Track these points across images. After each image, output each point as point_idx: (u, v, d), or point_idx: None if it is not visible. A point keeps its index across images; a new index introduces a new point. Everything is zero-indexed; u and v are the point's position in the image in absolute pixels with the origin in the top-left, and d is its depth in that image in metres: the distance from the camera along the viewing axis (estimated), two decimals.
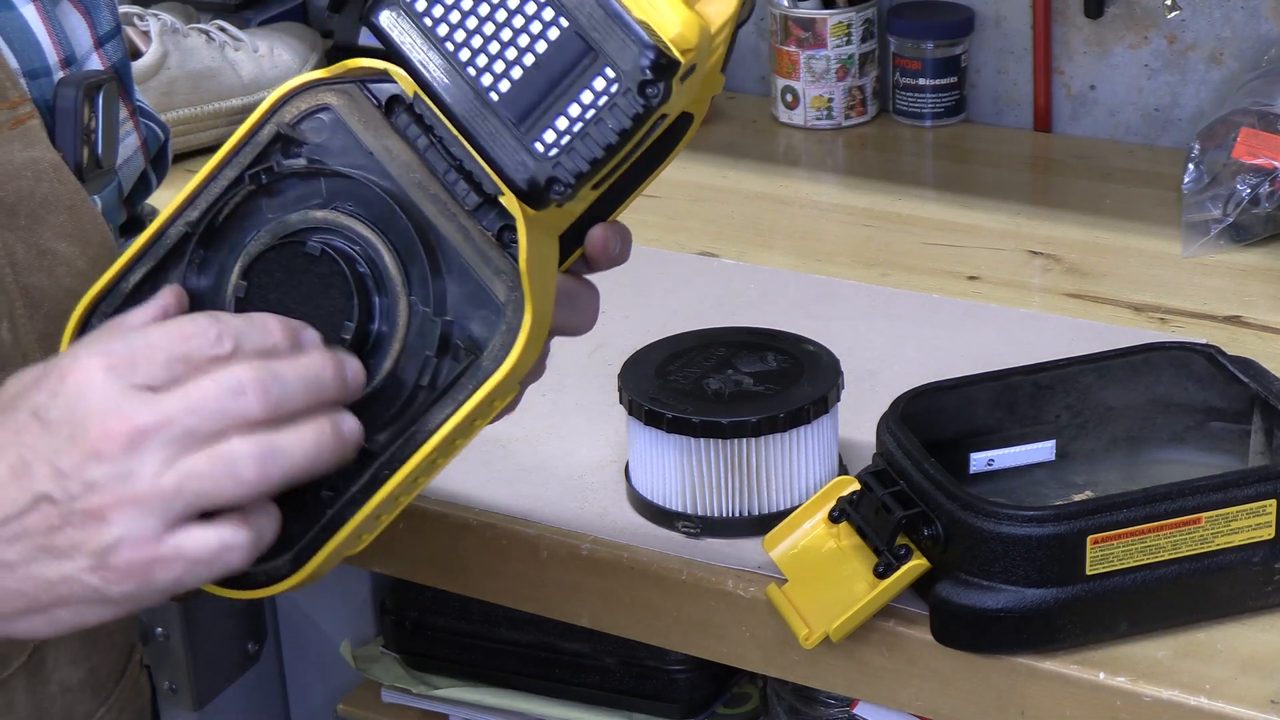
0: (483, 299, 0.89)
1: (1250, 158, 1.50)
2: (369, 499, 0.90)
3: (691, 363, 1.18)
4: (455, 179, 0.89)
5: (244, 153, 0.91)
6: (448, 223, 0.89)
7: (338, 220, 0.89)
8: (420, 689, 1.55)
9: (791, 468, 1.12)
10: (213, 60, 1.80)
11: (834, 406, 1.14)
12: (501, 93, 0.86)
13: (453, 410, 0.89)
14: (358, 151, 0.90)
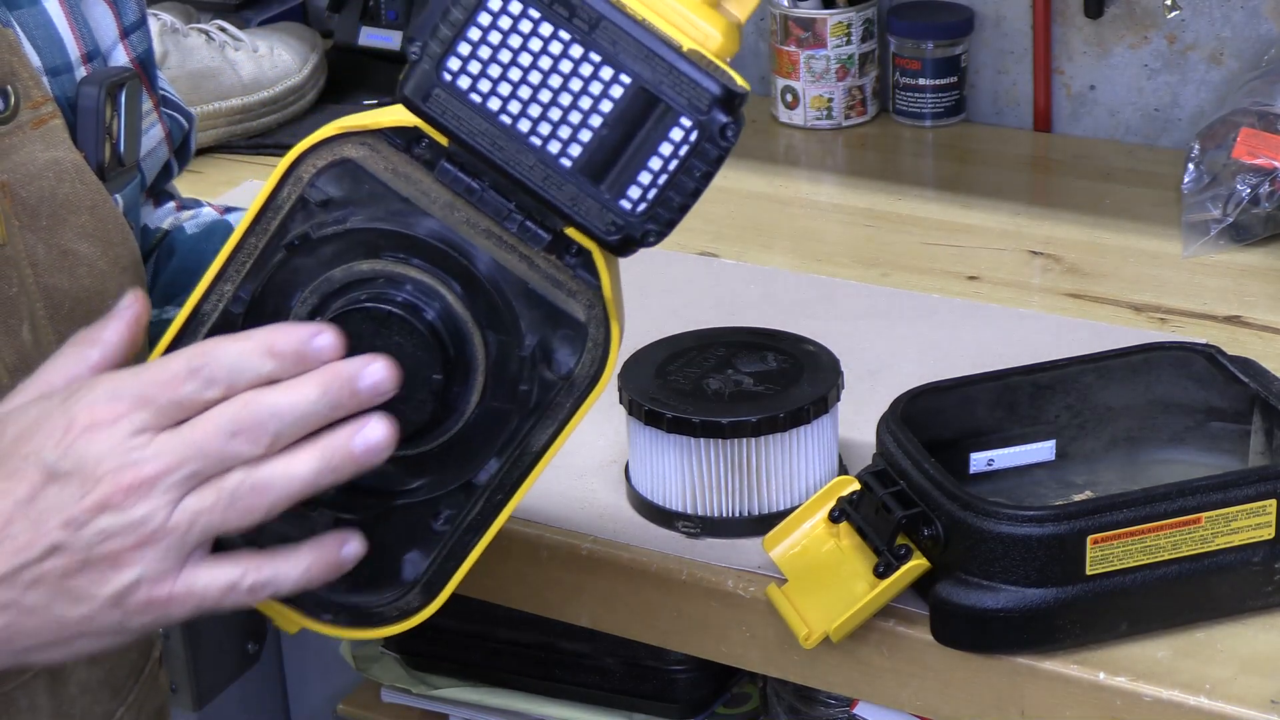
0: (562, 320, 0.89)
1: (1250, 158, 1.50)
2: (489, 525, 0.92)
3: (691, 363, 1.18)
4: (513, 216, 0.87)
5: (268, 218, 0.89)
6: (508, 254, 0.87)
7: (388, 269, 0.88)
8: (420, 689, 1.55)
9: (791, 468, 1.12)
10: (213, 60, 1.80)
11: (834, 406, 1.14)
12: (574, 158, 0.85)
13: (556, 430, 0.90)
14: (392, 199, 0.88)
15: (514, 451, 0.91)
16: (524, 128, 0.84)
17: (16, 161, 0.97)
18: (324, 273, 0.88)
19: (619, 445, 1.23)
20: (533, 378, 0.90)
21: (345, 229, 0.88)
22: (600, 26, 0.83)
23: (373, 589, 0.93)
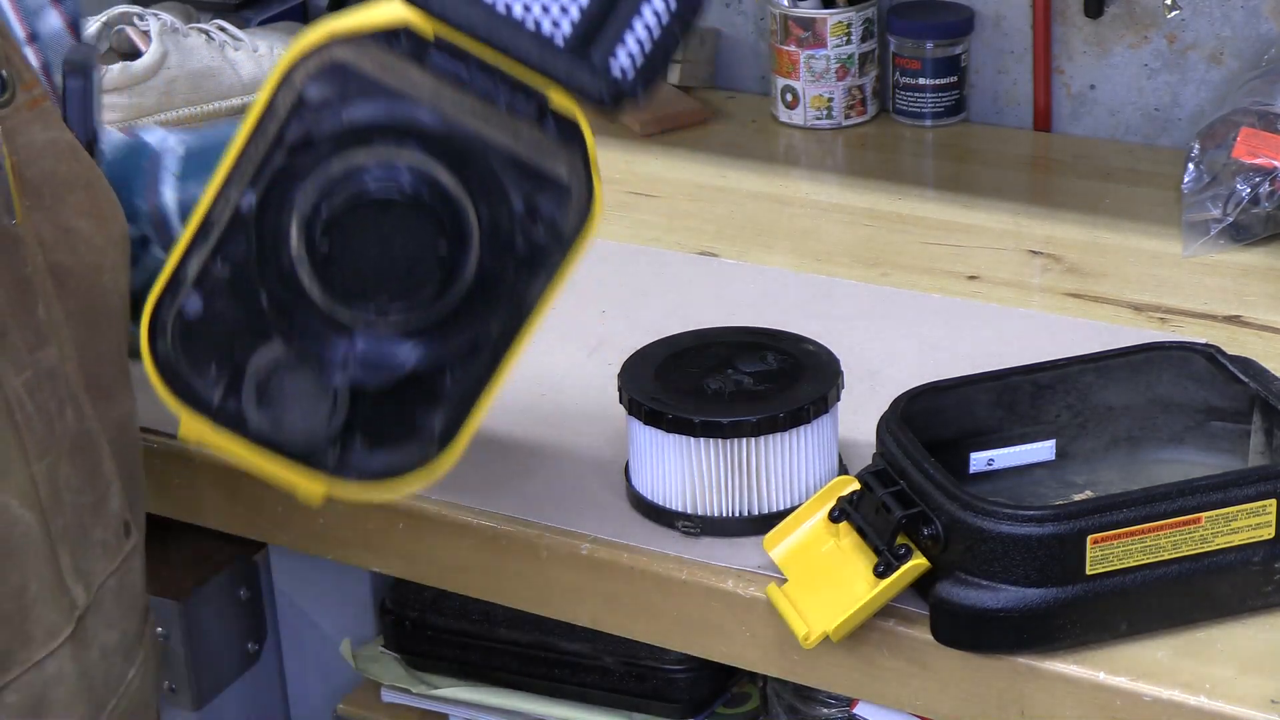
0: (547, 182, 0.98)
1: (1250, 157, 1.50)
2: (495, 376, 1.01)
3: (691, 363, 1.18)
4: (500, 92, 0.96)
5: (267, 125, 0.96)
6: (492, 128, 0.96)
7: (383, 154, 0.96)
8: (420, 689, 1.55)
9: (791, 467, 1.12)
10: (213, 60, 1.80)
11: (834, 406, 1.14)
12: (565, 35, 0.93)
13: (548, 280, 1.00)
14: (381, 92, 0.95)
15: (512, 307, 1.01)
16: (518, 13, 0.93)
17: (20, 143, 0.98)
18: (322, 166, 0.96)
19: (619, 445, 1.23)
20: (524, 237, 0.99)
21: (342, 126, 0.96)
22: None
23: (392, 447, 1.00)
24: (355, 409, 1.00)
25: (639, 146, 1.77)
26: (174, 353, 1.00)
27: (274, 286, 0.99)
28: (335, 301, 0.98)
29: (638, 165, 1.72)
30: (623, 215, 1.61)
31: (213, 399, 1.00)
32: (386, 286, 0.99)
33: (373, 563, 1.27)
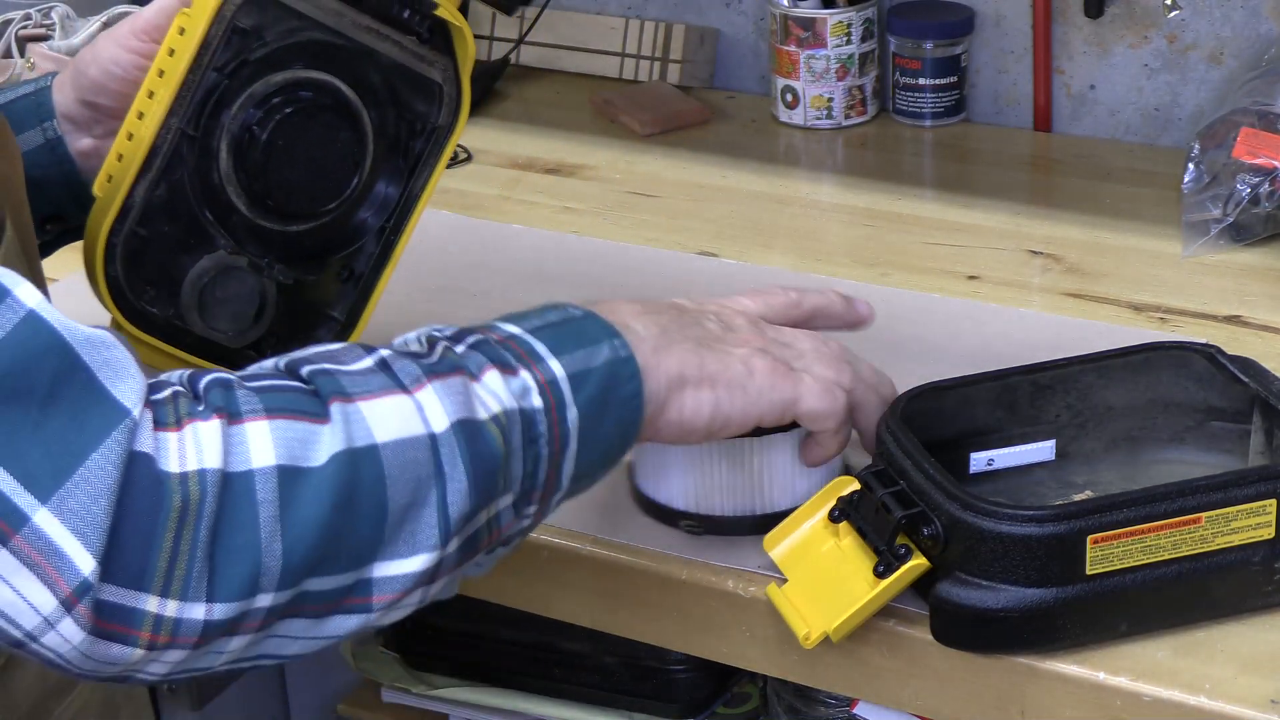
0: (423, 85, 1.18)
1: (1250, 157, 1.50)
2: (388, 261, 1.22)
3: None
4: (394, 6, 1.14)
5: (203, 56, 1.11)
6: (381, 42, 1.15)
7: (296, 76, 1.14)
8: (420, 689, 1.56)
9: (793, 466, 1.12)
10: None
11: None
12: None
13: (429, 172, 1.21)
14: (292, 18, 1.13)
15: (401, 198, 1.21)
16: None
17: None
18: (246, 89, 1.14)
19: None
20: (408, 134, 1.20)
21: (265, 50, 1.13)
22: None
23: (308, 334, 1.20)
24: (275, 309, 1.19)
25: (639, 146, 1.77)
26: (122, 274, 1.14)
27: (208, 203, 1.15)
28: (259, 213, 1.16)
29: (638, 165, 1.72)
30: (623, 215, 1.62)
31: (156, 312, 1.16)
32: (312, 193, 1.18)
33: None
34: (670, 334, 1.01)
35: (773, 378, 1.03)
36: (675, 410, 1.00)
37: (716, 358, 1.02)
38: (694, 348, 1.01)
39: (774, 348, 1.06)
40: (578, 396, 0.94)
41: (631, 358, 0.97)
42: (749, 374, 1.02)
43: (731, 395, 1.02)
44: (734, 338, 1.04)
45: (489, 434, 0.89)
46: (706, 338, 1.03)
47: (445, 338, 0.93)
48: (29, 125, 1.21)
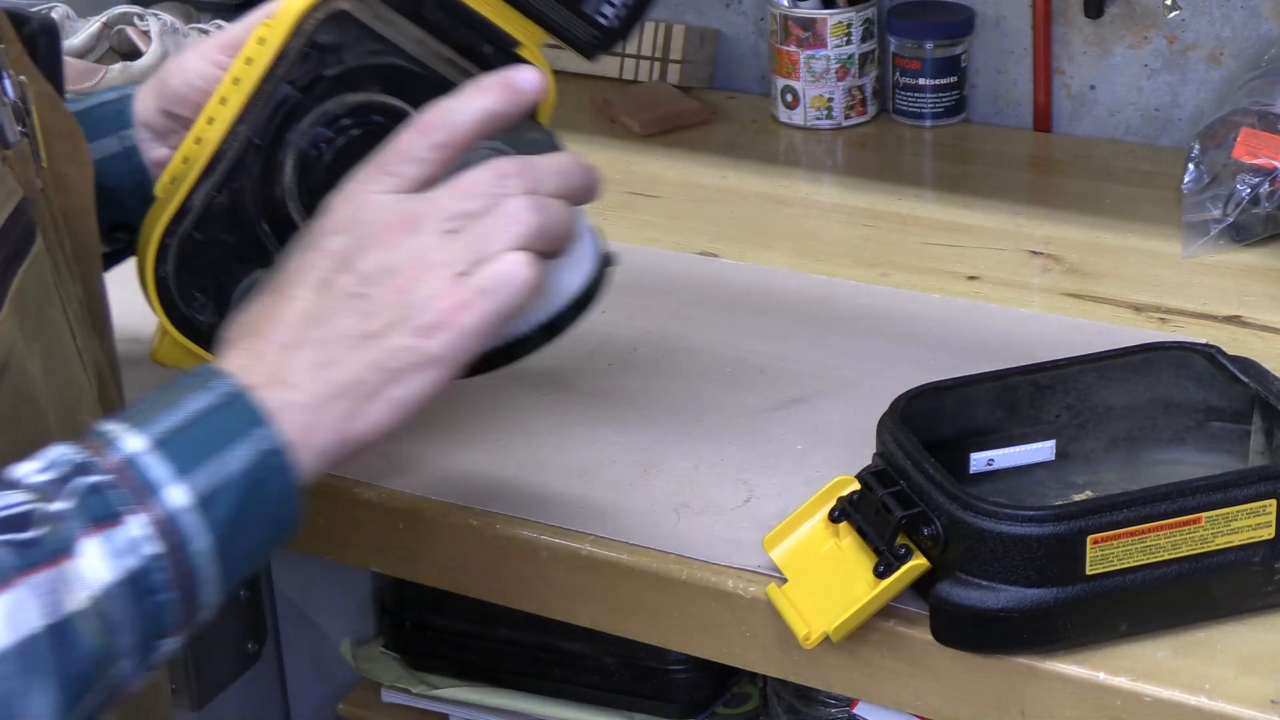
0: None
1: (1250, 158, 1.50)
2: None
3: None
4: (477, 41, 1.09)
5: (278, 67, 1.09)
6: (461, 76, 1.08)
7: (370, 99, 1.10)
8: (420, 689, 1.56)
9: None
10: None
11: None
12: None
13: None
14: (373, 40, 1.09)
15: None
16: None
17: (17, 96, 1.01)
18: (319, 106, 1.10)
19: (619, 445, 1.23)
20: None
21: (342, 69, 1.09)
22: None
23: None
24: None
25: (639, 146, 1.77)
26: (173, 276, 1.12)
27: (267, 216, 1.12)
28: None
29: (638, 165, 1.72)
30: (623, 215, 1.62)
31: (201, 319, 1.13)
32: None
33: (373, 563, 1.27)
34: (328, 361, 0.90)
35: (456, 321, 0.91)
36: (358, 436, 0.91)
37: (387, 354, 0.91)
38: (357, 371, 0.91)
39: (440, 263, 0.92)
40: (208, 520, 0.85)
41: (278, 450, 0.88)
42: (425, 336, 0.91)
43: (420, 378, 0.92)
44: (390, 298, 0.91)
45: (78, 632, 0.81)
46: (367, 324, 0.91)
47: (59, 482, 0.84)
48: (107, 132, 1.21)
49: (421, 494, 1.20)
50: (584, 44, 1.09)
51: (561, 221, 0.95)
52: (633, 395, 1.31)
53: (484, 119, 0.96)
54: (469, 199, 0.93)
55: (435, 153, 0.95)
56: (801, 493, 1.14)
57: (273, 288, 0.94)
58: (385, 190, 0.94)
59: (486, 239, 0.92)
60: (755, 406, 1.28)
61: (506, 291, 0.91)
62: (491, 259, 0.92)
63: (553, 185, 0.95)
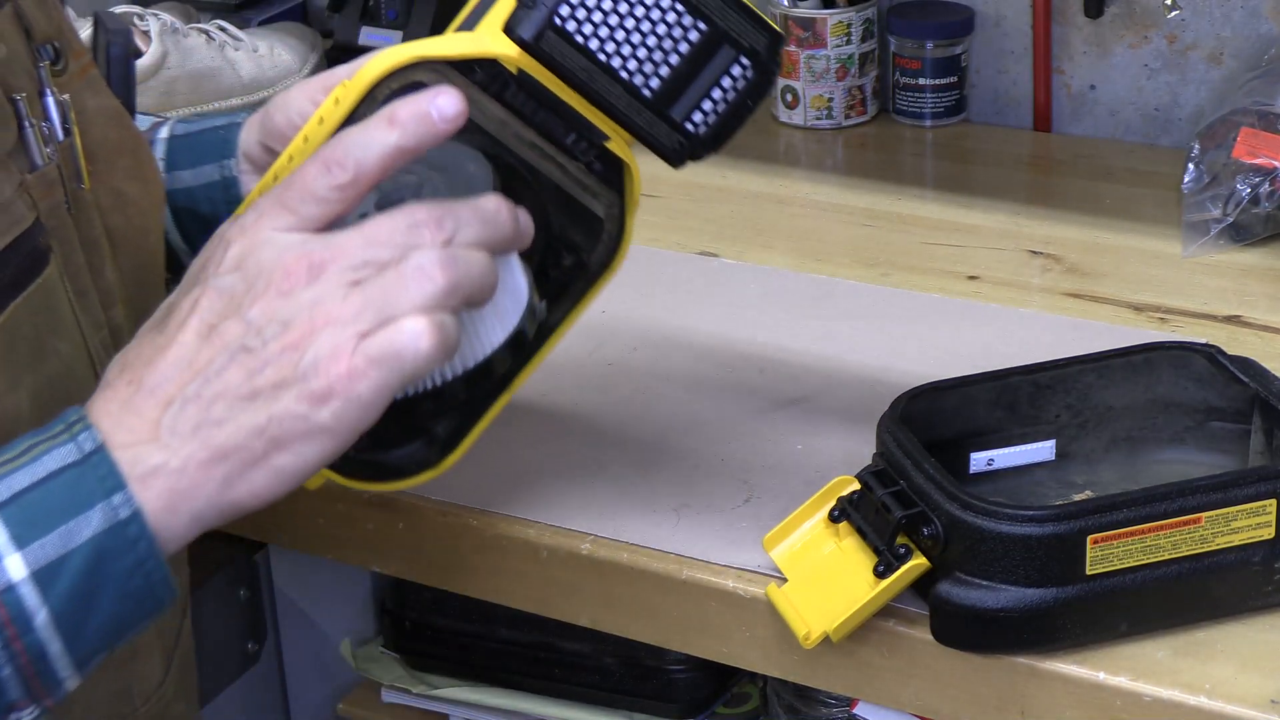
0: (582, 215, 1.05)
1: (1250, 157, 1.50)
2: (504, 391, 1.06)
3: None
4: (562, 131, 1.02)
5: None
6: (545, 162, 1.02)
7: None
8: (420, 689, 1.55)
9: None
10: (213, 60, 1.80)
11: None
12: (653, 89, 1.00)
13: (569, 307, 1.07)
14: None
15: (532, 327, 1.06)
16: (616, 63, 1.00)
17: (76, 111, 1.01)
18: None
19: (618, 444, 1.23)
20: (554, 262, 1.05)
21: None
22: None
23: (398, 448, 1.05)
24: None
25: (639, 146, 1.76)
26: None
27: None
28: None
29: (638, 165, 1.72)
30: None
31: None
32: None
33: (373, 563, 1.27)
34: (207, 421, 0.83)
35: (348, 390, 0.83)
36: (237, 503, 0.84)
37: (273, 419, 0.83)
38: (240, 435, 0.83)
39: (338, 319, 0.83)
40: (49, 595, 0.80)
41: (135, 519, 0.82)
42: (316, 403, 0.83)
43: (308, 448, 0.84)
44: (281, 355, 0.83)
45: None
46: (254, 383, 0.83)
47: None
48: (210, 159, 1.20)
49: (421, 494, 1.20)
50: (669, 152, 1.03)
51: (478, 276, 0.85)
52: (633, 395, 1.31)
53: (393, 155, 0.87)
54: (376, 248, 0.84)
55: (340, 192, 0.86)
56: (801, 493, 1.13)
57: (158, 320, 0.86)
58: (284, 229, 0.85)
59: (390, 296, 0.83)
60: (755, 406, 1.28)
61: (403, 362, 0.82)
62: (392, 321, 0.83)
63: (473, 235, 0.87)
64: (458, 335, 0.85)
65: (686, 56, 1.00)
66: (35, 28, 0.99)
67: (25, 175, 0.95)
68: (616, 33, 1.00)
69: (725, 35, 1.00)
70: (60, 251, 0.97)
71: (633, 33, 1.00)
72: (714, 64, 1.01)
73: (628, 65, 1.00)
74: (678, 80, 1.00)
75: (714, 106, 1.01)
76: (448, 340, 0.84)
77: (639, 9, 0.99)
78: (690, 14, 0.99)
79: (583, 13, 0.99)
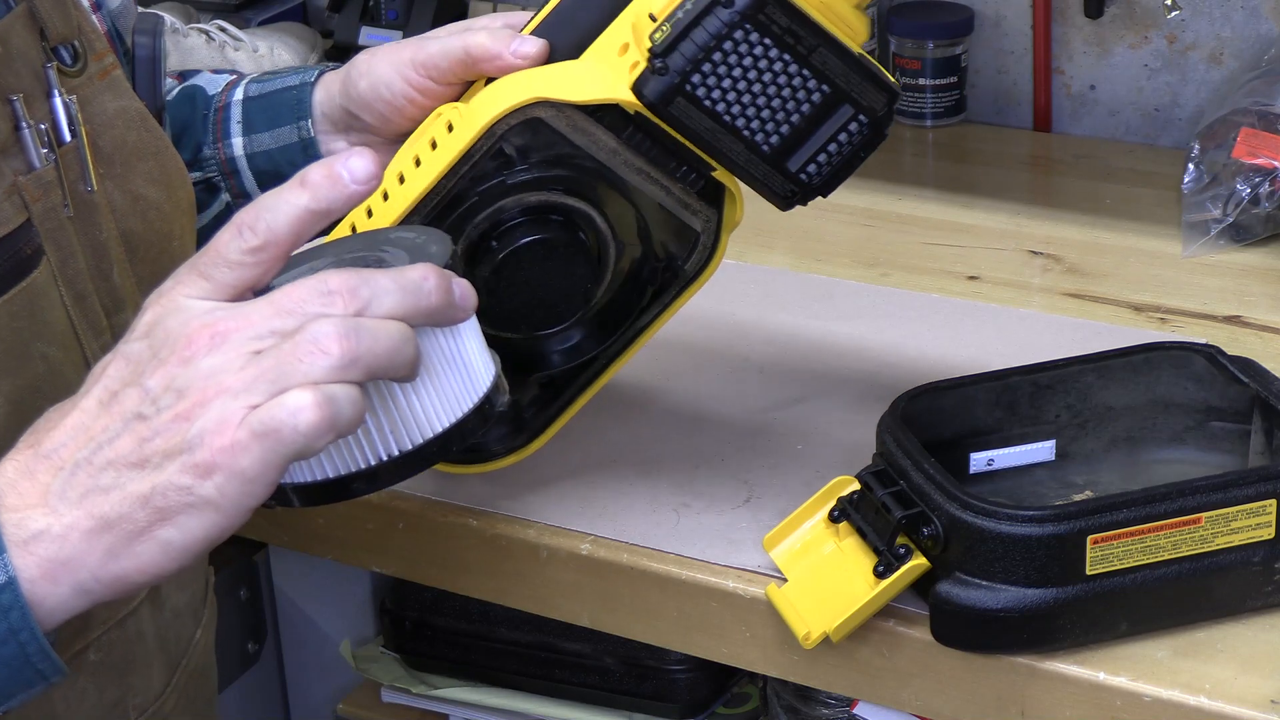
0: (681, 229, 1.12)
1: (1250, 158, 1.50)
2: (593, 384, 1.16)
3: None
4: (672, 165, 1.07)
5: (462, 166, 1.04)
6: (650, 185, 1.07)
7: (550, 199, 1.07)
8: (420, 689, 1.55)
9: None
10: (213, 60, 1.80)
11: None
12: (772, 145, 1.04)
13: (660, 311, 1.14)
14: (564, 145, 1.05)
15: (625, 328, 1.14)
16: (740, 124, 1.03)
17: (92, 112, 1.00)
18: (497, 203, 1.07)
19: (618, 444, 1.23)
20: (649, 270, 1.12)
21: (530, 175, 1.06)
22: (816, 52, 1.02)
23: (493, 431, 1.12)
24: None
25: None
26: None
27: None
28: (485, 324, 0.93)
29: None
30: None
31: None
32: (534, 313, 1.10)
33: (373, 563, 1.27)
34: (95, 489, 0.80)
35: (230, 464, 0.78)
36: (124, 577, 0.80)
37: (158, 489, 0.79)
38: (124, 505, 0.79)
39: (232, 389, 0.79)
40: None
41: (9, 584, 0.79)
42: (200, 476, 0.78)
43: (193, 522, 0.79)
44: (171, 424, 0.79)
45: None
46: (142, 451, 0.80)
47: None
48: (285, 121, 1.20)
49: (421, 494, 1.20)
50: (779, 198, 1.08)
51: (386, 350, 0.79)
52: (633, 395, 1.31)
53: (305, 217, 0.82)
54: (283, 317, 0.80)
55: (252, 256, 0.81)
56: (801, 493, 1.13)
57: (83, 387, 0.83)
58: (196, 295, 0.82)
59: (283, 368, 0.78)
60: (755, 406, 1.28)
61: (282, 438, 0.77)
62: (283, 394, 0.78)
63: (390, 304, 0.80)
64: (354, 411, 0.79)
65: (808, 115, 1.03)
66: (51, 28, 0.98)
67: (18, 177, 0.94)
68: (744, 96, 1.02)
69: (846, 96, 1.03)
70: (56, 255, 0.96)
71: (760, 96, 1.02)
72: (832, 121, 1.04)
73: (751, 125, 1.03)
74: (796, 136, 1.03)
75: (829, 159, 1.05)
76: (337, 417, 0.78)
77: (767, 74, 1.02)
78: (816, 78, 1.02)
79: (714, 80, 1.01)
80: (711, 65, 1.01)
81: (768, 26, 1.00)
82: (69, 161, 0.98)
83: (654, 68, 1.01)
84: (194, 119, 1.23)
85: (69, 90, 0.99)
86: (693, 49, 1.01)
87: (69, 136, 0.98)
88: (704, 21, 1.01)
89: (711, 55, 1.01)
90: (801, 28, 1.01)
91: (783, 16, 1.01)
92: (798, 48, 1.01)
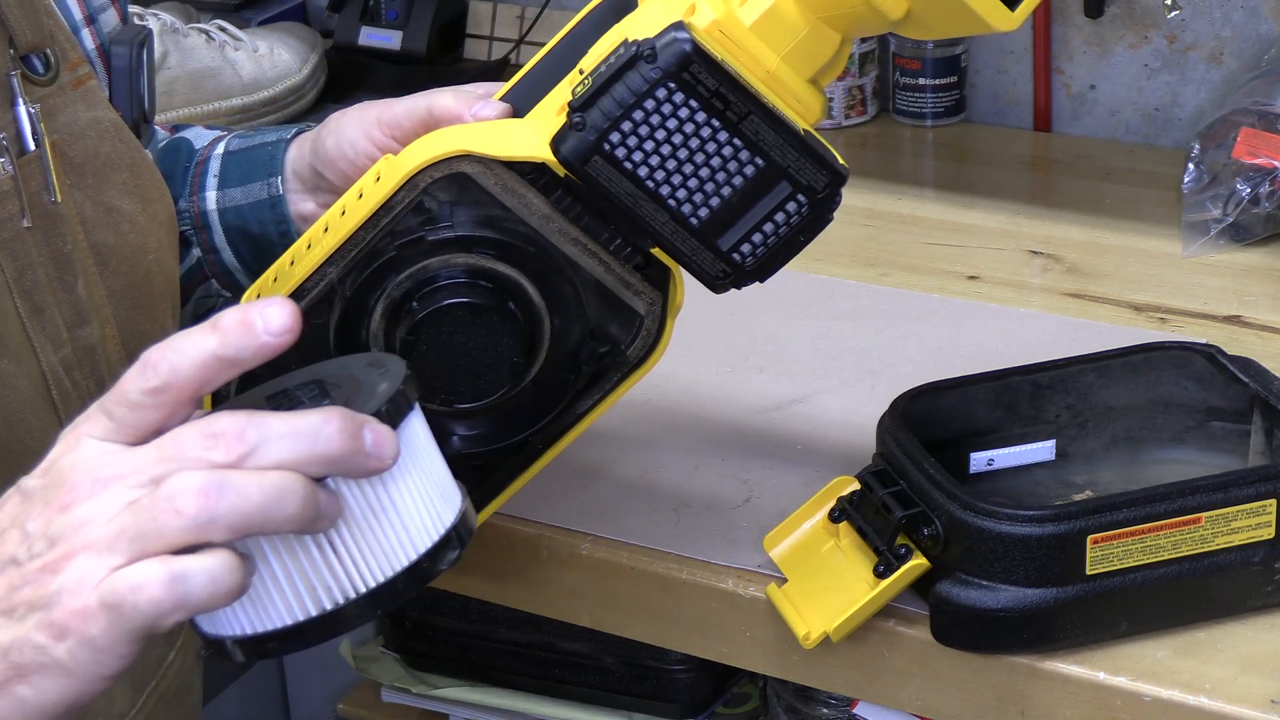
0: (622, 310, 1.02)
1: (1250, 158, 1.50)
2: (525, 471, 1.06)
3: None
4: (608, 236, 1.00)
5: (380, 217, 0.99)
6: (588, 259, 1.00)
7: (479, 264, 0.99)
8: (420, 689, 1.56)
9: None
10: (213, 60, 1.80)
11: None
12: (701, 219, 0.97)
13: (600, 397, 1.05)
14: (494, 206, 0.99)
15: (561, 411, 1.05)
16: (665, 191, 0.97)
17: (62, 122, 1.00)
18: (422, 261, 0.99)
19: (618, 444, 1.23)
20: (589, 353, 1.03)
21: (451, 232, 0.99)
22: (748, 119, 0.95)
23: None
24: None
25: None
26: (234, 387, 0.96)
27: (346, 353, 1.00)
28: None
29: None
30: None
31: None
32: (456, 383, 1.01)
33: None
34: None
35: (80, 630, 0.73)
36: None
37: (14, 644, 0.74)
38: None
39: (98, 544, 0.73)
40: None
41: None
42: (55, 637, 0.73)
43: (47, 684, 0.74)
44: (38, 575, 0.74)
45: None
46: (9, 600, 0.75)
47: None
48: (257, 177, 1.18)
49: None
50: (710, 279, 1.00)
51: (261, 505, 0.72)
52: (633, 395, 1.30)
53: (211, 363, 0.75)
54: (163, 462, 0.74)
55: (152, 398, 0.75)
56: (801, 493, 1.14)
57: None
58: (98, 435, 0.76)
59: (143, 526, 0.73)
60: (755, 406, 1.28)
61: (125, 614, 0.72)
62: (135, 563, 0.72)
63: (279, 452, 0.74)
64: (214, 587, 0.72)
65: (740, 190, 0.97)
66: (20, 36, 0.97)
67: None
68: (668, 162, 0.96)
69: (783, 172, 0.96)
70: (12, 266, 0.95)
71: (685, 163, 0.96)
72: (768, 198, 0.97)
73: (676, 194, 0.97)
74: (728, 211, 0.97)
75: (764, 240, 0.98)
76: (185, 597, 0.72)
77: (694, 140, 0.96)
78: (748, 149, 0.96)
79: (634, 140, 0.96)
80: (632, 124, 0.95)
81: (693, 87, 0.94)
82: (30, 172, 0.97)
83: (572, 123, 0.96)
84: (175, 170, 1.21)
85: (36, 99, 0.97)
86: (611, 105, 0.95)
87: (32, 146, 0.97)
88: (625, 77, 0.95)
89: (631, 114, 0.95)
90: (732, 92, 0.95)
91: (710, 78, 0.94)
92: (727, 113, 0.95)
